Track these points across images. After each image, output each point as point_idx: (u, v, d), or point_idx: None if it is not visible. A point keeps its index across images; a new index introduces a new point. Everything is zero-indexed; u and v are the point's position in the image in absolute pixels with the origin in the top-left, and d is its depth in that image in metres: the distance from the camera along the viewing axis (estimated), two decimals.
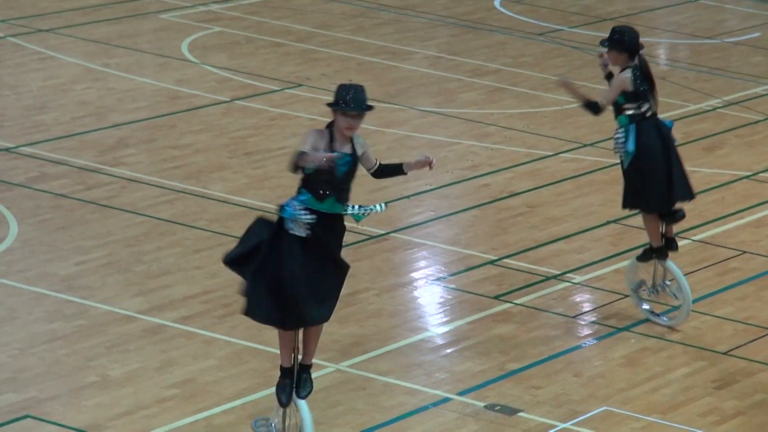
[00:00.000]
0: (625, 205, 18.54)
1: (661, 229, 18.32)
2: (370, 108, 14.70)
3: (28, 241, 18.94)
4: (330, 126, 14.91)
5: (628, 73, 17.88)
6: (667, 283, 18.25)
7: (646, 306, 18.37)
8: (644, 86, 17.92)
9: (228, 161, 21.30)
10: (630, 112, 17.86)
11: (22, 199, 19.93)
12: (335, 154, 14.37)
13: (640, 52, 18.15)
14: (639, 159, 18.10)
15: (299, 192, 14.68)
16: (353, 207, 14.90)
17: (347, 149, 14.75)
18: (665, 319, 18.47)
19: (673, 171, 18.06)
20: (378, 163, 15.08)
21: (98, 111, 22.83)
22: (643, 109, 17.88)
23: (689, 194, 18.44)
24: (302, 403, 14.97)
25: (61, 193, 20.07)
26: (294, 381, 14.98)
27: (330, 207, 14.77)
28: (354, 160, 14.84)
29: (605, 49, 18.23)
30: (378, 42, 26.59)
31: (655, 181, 18.16)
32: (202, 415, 15.61)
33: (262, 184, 15.06)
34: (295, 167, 14.73)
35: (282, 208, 14.60)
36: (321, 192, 14.62)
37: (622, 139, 17.96)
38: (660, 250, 18.24)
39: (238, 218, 19.69)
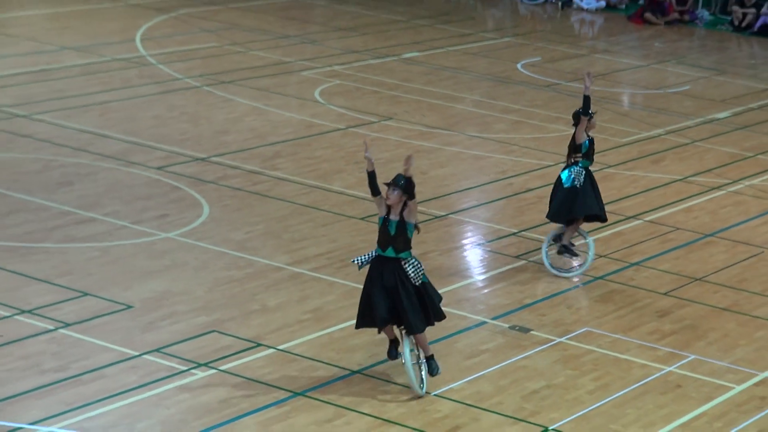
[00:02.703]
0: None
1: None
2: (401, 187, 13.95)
3: (215, 218, 19.07)
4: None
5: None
6: (575, 244, 18.35)
7: (546, 259, 18.34)
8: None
9: (344, 167, 21.42)
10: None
11: (211, 191, 20.10)
12: None
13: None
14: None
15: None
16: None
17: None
18: (563, 271, 18.42)
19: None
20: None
21: (261, 134, 22.94)
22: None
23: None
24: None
25: (237, 187, 20.23)
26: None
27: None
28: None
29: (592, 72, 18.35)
30: (441, 90, 26.54)
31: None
32: (326, 331, 15.75)
33: (364, 182, 15.13)
34: None
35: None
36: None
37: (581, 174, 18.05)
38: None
39: (350, 204, 19.81)
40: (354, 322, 14.48)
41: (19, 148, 21.01)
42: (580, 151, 18.03)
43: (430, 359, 14.43)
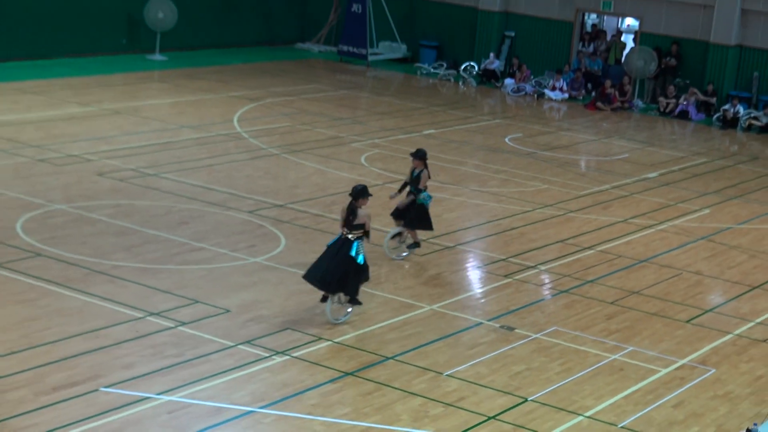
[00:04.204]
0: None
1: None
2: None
3: (289, 248, 19.03)
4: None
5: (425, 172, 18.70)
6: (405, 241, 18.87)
7: (392, 251, 18.81)
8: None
9: (381, 212, 21.36)
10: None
11: (287, 228, 20.11)
12: None
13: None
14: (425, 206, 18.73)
15: None
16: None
17: None
18: (399, 256, 18.87)
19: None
20: None
21: (322, 188, 22.86)
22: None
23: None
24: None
25: (305, 225, 20.25)
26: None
27: None
28: None
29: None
30: (450, 156, 26.53)
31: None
32: (369, 329, 15.68)
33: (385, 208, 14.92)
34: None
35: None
36: None
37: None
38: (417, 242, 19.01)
39: (382, 239, 19.81)
40: (390, 322, 14.43)
41: (149, 198, 21.10)
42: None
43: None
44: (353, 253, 15.69)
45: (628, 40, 41.06)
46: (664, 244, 21.43)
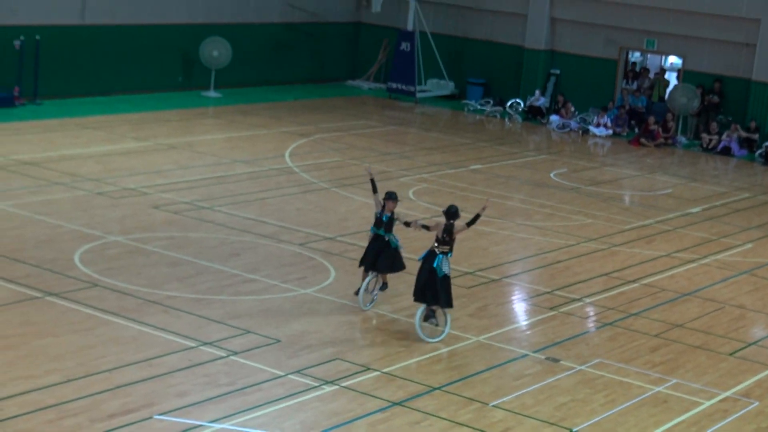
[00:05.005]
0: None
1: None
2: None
3: (339, 280, 18.99)
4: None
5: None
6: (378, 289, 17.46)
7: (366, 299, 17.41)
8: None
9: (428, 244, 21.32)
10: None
11: (337, 260, 20.10)
12: None
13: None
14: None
15: None
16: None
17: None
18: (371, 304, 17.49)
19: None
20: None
21: (371, 221, 22.86)
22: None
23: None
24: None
25: (354, 258, 20.20)
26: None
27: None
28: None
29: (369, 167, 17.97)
30: (497, 191, 26.45)
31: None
32: (416, 360, 15.65)
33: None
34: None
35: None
36: None
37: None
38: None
39: None
40: (437, 353, 14.34)
41: (203, 230, 21.20)
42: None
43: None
44: (435, 265, 16.30)
45: (672, 77, 40.92)
46: (707, 278, 21.23)
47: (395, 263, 17.45)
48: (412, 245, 19.88)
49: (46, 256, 18.76)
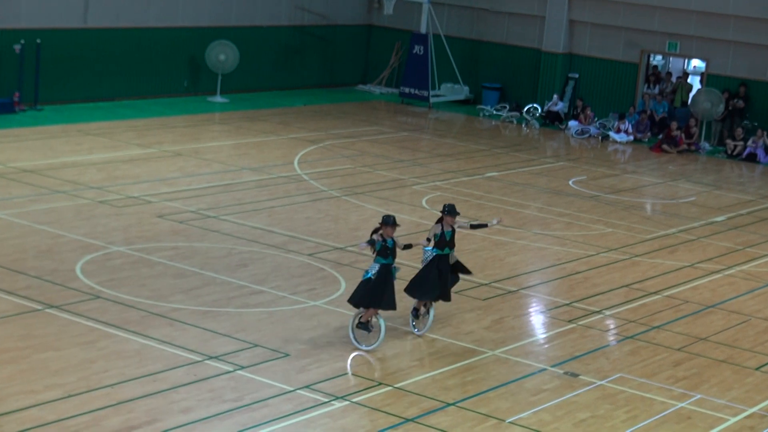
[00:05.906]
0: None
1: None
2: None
3: (350, 291, 18.95)
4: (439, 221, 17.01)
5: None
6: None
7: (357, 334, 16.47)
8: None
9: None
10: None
11: (347, 271, 20.06)
12: None
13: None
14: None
15: None
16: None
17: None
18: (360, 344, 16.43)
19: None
20: None
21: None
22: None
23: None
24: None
25: (363, 268, 20.19)
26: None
27: None
28: None
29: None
30: (513, 199, 26.43)
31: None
32: (429, 374, 15.57)
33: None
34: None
35: None
36: None
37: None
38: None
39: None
40: (451, 367, 14.28)
41: (209, 240, 21.19)
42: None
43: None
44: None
45: (695, 81, 40.82)
46: (732, 290, 21.15)
47: (392, 299, 16.52)
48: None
49: (46, 267, 18.77)
